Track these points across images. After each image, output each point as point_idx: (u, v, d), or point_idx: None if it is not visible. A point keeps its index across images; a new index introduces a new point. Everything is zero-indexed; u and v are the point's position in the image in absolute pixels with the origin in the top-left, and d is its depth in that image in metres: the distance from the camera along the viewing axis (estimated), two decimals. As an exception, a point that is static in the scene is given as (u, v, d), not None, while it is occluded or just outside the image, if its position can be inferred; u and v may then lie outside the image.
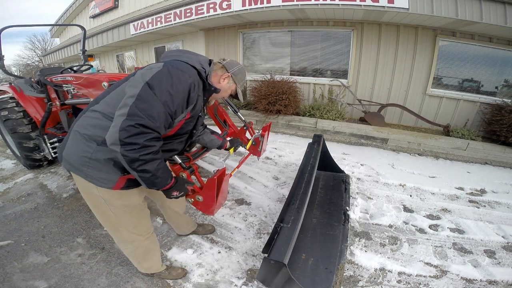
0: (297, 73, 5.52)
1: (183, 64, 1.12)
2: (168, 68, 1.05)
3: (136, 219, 1.32)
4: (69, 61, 11.74)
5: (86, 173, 1.10)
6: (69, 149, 1.12)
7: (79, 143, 1.09)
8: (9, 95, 2.94)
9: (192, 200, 1.63)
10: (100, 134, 1.05)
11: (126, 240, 1.35)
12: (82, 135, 1.08)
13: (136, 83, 1.01)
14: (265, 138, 2.43)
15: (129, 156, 0.95)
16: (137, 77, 1.05)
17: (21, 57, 26.01)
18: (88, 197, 1.22)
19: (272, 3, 4.28)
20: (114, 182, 1.13)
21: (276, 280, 1.26)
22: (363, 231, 2.05)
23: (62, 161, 1.15)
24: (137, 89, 0.99)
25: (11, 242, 1.95)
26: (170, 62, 1.10)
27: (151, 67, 1.07)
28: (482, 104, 4.28)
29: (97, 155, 1.07)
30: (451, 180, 2.99)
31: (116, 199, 1.20)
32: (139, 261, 1.48)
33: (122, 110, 0.96)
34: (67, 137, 1.16)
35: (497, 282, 1.61)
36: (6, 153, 3.86)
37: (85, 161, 1.08)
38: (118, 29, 7.28)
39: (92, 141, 1.07)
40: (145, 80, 1.00)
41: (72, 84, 2.37)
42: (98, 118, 1.08)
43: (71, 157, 1.11)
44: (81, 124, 1.11)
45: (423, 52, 4.42)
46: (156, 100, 0.99)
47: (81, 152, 1.08)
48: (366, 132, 4.20)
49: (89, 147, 1.07)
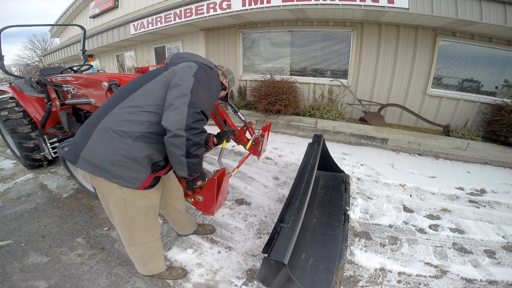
0: (297, 73, 5.52)
1: (206, 65, 1.29)
2: (204, 67, 1.23)
3: (151, 220, 1.36)
4: (69, 61, 11.73)
5: (114, 173, 1.09)
6: (92, 149, 1.08)
7: (112, 141, 1.07)
8: (9, 95, 2.95)
9: (192, 200, 1.63)
10: (137, 129, 1.08)
11: (137, 242, 1.37)
12: (116, 132, 1.07)
13: (185, 77, 1.13)
14: (265, 138, 2.43)
15: (193, 140, 1.06)
16: (182, 72, 1.16)
17: (21, 57, 25.99)
18: (109, 200, 1.21)
19: (272, 3, 4.28)
20: (142, 181, 1.16)
21: (276, 280, 1.26)
22: (363, 231, 2.05)
23: (78, 163, 1.10)
24: (189, 82, 1.11)
25: (11, 242, 1.95)
26: (198, 62, 1.26)
27: (189, 65, 1.20)
28: (482, 104, 4.28)
29: (133, 152, 1.08)
30: (451, 180, 2.99)
31: (140, 199, 1.22)
32: (145, 263, 1.48)
33: (183, 99, 1.06)
34: (83, 137, 1.12)
35: (497, 282, 1.61)
36: (6, 153, 3.87)
37: (117, 159, 1.07)
38: (118, 29, 7.28)
39: (127, 137, 1.07)
40: (190, 74, 1.14)
41: (72, 84, 2.36)
42: (134, 113, 1.10)
43: (95, 157, 1.08)
44: (113, 121, 1.09)
45: (423, 52, 4.42)
46: (205, 92, 1.17)
47: (114, 150, 1.07)
48: (366, 132, 4.20)
49: (125, 144, 1.07)
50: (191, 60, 1.29)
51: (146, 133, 1.10)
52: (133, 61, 8.73)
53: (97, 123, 1.12)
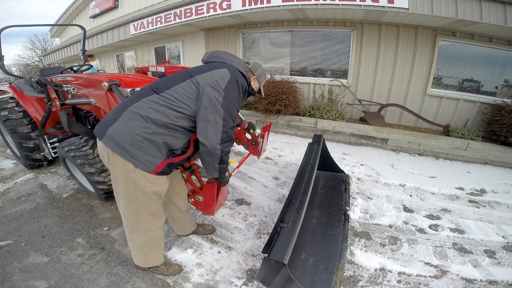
0: (297, 73, 5.52)
1: (238, 72, 1.36)
2: (235, 77, 1.30)
3: (157, 207, 1.41)
4: (69, 61, 11.73)
5: (132, 153, 1.18)
6: (118, 128, 1.19)
7: (137, 123, 1.17)
8: (9, 95, 2.94)
9: (192, 200, 1.64)
10: (161, 119, 1.19)
11: (142, 228, 1.40)
12: (142, 117, 1.18)
13: (217, 88, 1.22)
14: (265, 138, 2.43)
15: (225, 151, 1.27)
16: (214, 81, 1.23)
17: (21, 57, 26.00)
18: (120, 179, 1.27)
19: (272, 3, 4.28)
20: (156, 165, 1.23)
21: (276, 280, 1.26)
22: (363, 231, 2.05)
23: (103, 138, 1.20)
24: (220, 95, 1.22)
25: (11, 242, 1.95)
26: (231, 70, 1.32)
27: (222, 76, 1.26)
28: (482, 104, 4.28)
29: (154, 136, 1.18)
30: (451, 180, 2.99)
31: (149, 184, 1.28)
32: (145, 252, 1.50)
33: (217, 115, 1.20)
34: (113, 116, 1.22)
35: (497, 282, 1.61)
36: (6, 153, 3.86)
37: (138, 139, 1.17)
38: (118, 29, 7.28)
39: (152, 123, 1.18)
40: (222, 87, 1.23)
41: (72, 84, 2.36)
42: (164, 106, 1.20)
43: (119, 135, 1.18)
44: (142, 107, 1.20)
45: (423, 52, 4.42)
46: (235, 103, 1.28)
47: (137, 130, 1.17)
48: (366, 132, 4.20)
49: (148, 128, 1.17)
50: (225, 62, 1.38)
51: (169, 124, 1.20)
52: (133, 61, 8.73)
53: (129, 105, 1.22)
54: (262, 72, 1.60)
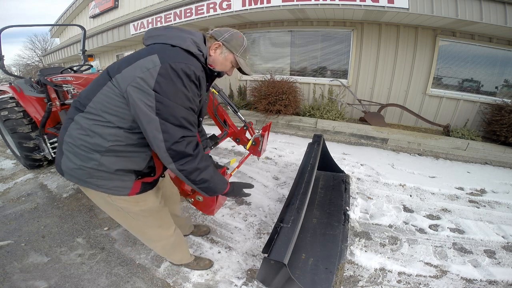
0: (297, 73, 5.52)
1: (180, 53, 0.94)
2: (168, 64, 0.87)
3: (158, 219, 1.30)
4: (69, 61, 11.73)
5: (97, 184, 1.00)
6: (67, 164, 0.98)
7: (79, 156, 0.96)
8: (9, 95, 2.94)
9: (192, 200, 1.63)
10: (100, 144, 0.93)
11: (152, 239, 1.37)
12: (80, 148, 0.95)
13: (143, 88, 0.86)
14: (265, 138, 2.42)
15: (187, 169, 0.94)
16: (138, 80, 0.87)
17: (21, 57, 25.99)
18: (104, 207, 1.16)
19: (272, 3, 4.28)
20: (129, 188, 1.05)
21: (276, 280, 1.26)
22: (363, 231, 2.05)
23: (64, 175, 1.02)
24: (150, 97, 0.86)
25: (11, 242, 1.95)
26: (164, 54, 0.90)
27: (147, 68, 0.87)
28: (482, 104, 4.28)
29: (104, 167, 0.96)
30: (451, 180, 2.99)
31: (132, 205, 1.13)
32: (169, 255, 1.55)
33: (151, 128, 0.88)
34: (59, 149, 1.03)
35: (497, 282, 1.61)
36: (6, 153, 3.87)
37: (92, 173, 0.97)
38: (118, 29, 7.27)
39: (94, 152, 0.94)
40: (150, 84, 0.86)
41: (72, 84, 2.36)
42: (93, 125, 0.93)
43: (73, 171, 0.99)
44: (73, 135, 0.96)
45: (423, 52, 4.42)
46: (178, 105, 0.89)
47: (85, 164, 0.96)
48: (366, 132, 4.20)
49: (93, 160, 0.95)
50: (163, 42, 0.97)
51: (112, 147, 0.95)
52: (133, 61, 8.72)
53: (64, 134, 0.99)
54: (233, 37, 1.10)
